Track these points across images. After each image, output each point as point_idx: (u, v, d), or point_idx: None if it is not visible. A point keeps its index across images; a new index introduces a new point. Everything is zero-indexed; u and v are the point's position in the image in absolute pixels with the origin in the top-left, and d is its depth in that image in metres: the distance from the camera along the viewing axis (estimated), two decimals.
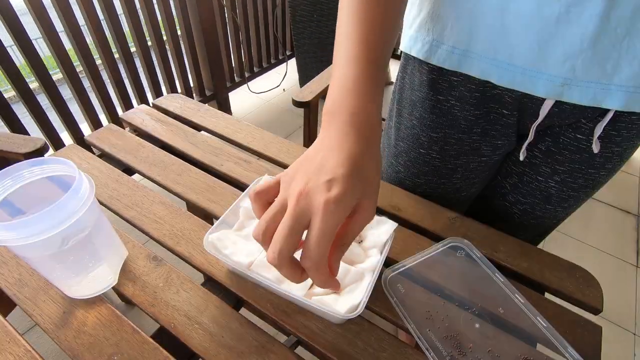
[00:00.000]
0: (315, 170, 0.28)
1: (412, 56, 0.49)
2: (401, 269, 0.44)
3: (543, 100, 0.42)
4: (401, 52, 0.52)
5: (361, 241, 0.45)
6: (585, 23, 0.35)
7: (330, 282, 0.29)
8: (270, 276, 0.39)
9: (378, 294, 0.41)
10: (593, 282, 0.46)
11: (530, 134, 0.47)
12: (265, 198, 0.31)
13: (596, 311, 0.43)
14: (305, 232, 0.28)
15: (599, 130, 0.42)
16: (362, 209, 0.29)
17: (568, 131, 0.46)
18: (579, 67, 0.37)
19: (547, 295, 0.46)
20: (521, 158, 0.50)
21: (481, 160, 0.53)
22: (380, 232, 0.44)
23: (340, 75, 0.33)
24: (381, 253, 0.42)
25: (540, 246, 0.53)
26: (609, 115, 0.41)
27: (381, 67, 0.34)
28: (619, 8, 0.33)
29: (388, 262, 0.45)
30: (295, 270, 0.28)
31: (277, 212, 0.28)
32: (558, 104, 0.42)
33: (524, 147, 0.49)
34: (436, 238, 0.50)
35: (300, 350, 0.40)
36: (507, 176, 0.56)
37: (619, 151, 0.45)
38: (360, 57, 0.33)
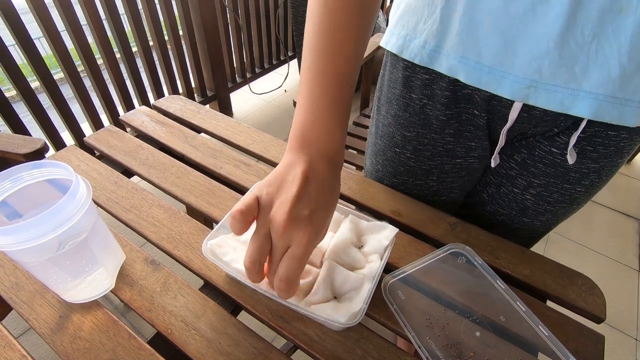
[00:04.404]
0: (293, 200, 0.31)
1: (391, 53, 0.49)
2: (401, 276, 0.43)
3: (512, 103, 0.42)
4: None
5: (361, 246, 0.44)
6: (551, 22, 0.34)
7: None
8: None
9: (378, 301, 0.41)
10: (595, 290, 0.45)
11: (500, 138, 0.46)
12: (247, 218, 0.33)
13: (599, 320, 0.43)
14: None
15: (573, 139, 0.42)
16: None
17: (543, 144, 0.45)
18: (546, 69, 0.37)
19: (548, 303, 0.45)
20: (492, 165, 0.50)
21: (456, 163, 0.52)
22: (380, 237, 0.44)
23: (310, 104, 0.35)
24: (382, 259, 0.42)
25: (541, 251, 0.52)
26: (582, 125, 0.40)
27: (347, 100, 0.36)
28: (585, 9, 0.33)
29: (388, 268, 0.45)
30: (296, 287, 0.33)
31: (264, 244, 0.32)
32: (528, 109, 0.41)
33: (495, 152, 0.48)
34: (437, 244, 0.49)
35: (299, 354, 0.40)
36: (486, 186, 0.56)
37: (595, 168, 0.44)
38: (330, 92, 0.35)
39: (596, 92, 0.36)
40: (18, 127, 1.21)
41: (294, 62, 2.35)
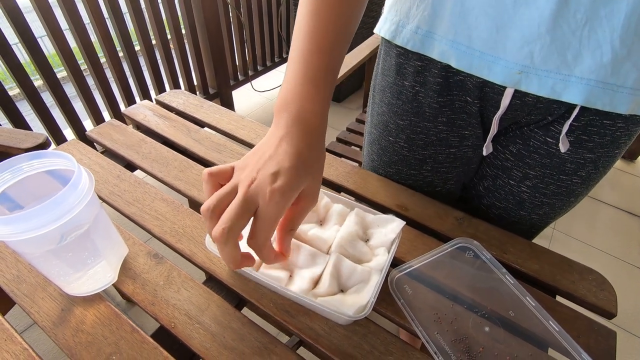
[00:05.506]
0: (265, 161, 0.31)
1: (385, 40, 0.49)
2: (408, 270, 0.42)
3: (504, 90, 0.41)
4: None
5: (367, 239, 0.44)
6: (543, 6, 0.34)
7: (277, 259, 0.34)
8: (276, 277, 0.38)
9: (384, 295, 0.40)
10: (606, 286, 0.44)
11: (492, 125, 0.45)
12: (217, 180, 0.33)
13: (610, 315, 0.42)
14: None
15: (565, 127, 0.41)
16: (305, 197, 0.33)
17: (538, 134, 0.45)
18: (537, 53, 0.36)
19: (558, 298, 0.44)
20: (484, 153, 0.49)
21: (450, 152, 0.52)
22: (387, 230, 0.43)
23: (291, 74, 0.35)
24: (389, 252, 0.41)
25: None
26: (575, 112, 0.39)
27: (329, 70, 0.36)
28: None
29: (394, 263, 0.44)
30: (237, 250, 0.31)
31: (228, 193, 0.31)
32: (520, 95, 0.41)
33: (488, 139, 0.48)
34: (444, 238, 0.48)
35: (303, 351, 0.39)
36: (482, 178, 0.55)
37: (592, 158, 0.44)
38: (310, 60, 0.35)
39: (588, 78, 0.36)
40: (21, 125, 1.21)
41: None
